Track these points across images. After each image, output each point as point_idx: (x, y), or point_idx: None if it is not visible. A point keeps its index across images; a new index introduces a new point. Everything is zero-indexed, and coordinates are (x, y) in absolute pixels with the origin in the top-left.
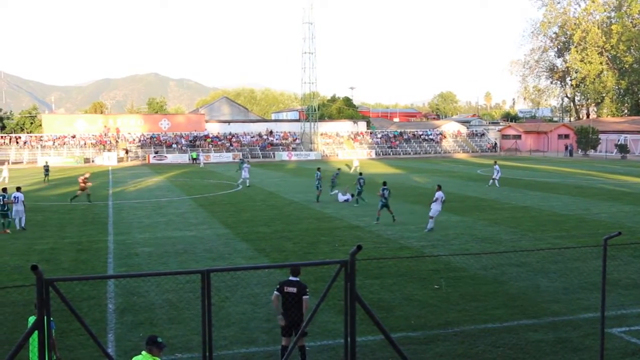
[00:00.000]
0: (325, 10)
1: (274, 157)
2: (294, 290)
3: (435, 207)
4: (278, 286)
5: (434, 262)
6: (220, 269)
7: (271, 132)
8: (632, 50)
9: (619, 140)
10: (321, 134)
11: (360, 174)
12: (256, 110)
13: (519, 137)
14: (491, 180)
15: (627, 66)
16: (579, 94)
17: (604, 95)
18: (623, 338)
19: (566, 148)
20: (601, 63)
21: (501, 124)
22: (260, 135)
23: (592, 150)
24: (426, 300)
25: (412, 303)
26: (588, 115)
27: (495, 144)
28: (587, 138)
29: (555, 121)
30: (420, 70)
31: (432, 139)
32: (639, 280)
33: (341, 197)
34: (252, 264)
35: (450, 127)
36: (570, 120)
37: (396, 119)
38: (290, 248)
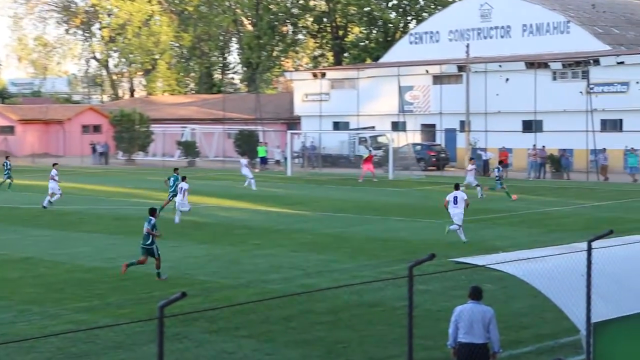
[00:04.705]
0: None
1: None
2: None
3: (454, 211)
4: None
5: None
6: None
7: None
8: None
9: (182, 135)
10: None
11: None
12: None
13: (11, 130)
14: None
15: (191, 10)
16: (116, 54)
17: (157, 57)
18: None
19: (94, 150)
20: (150, 1)
21: None
22: None
23: (142, 152)
24: None
25: None
26: (133, 92)
27: None
28: (131, 132)
29: (78, 102)
30: None
31: None
32: None
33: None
34: None
35: None
36: (102, 101)
37: None
38: None
